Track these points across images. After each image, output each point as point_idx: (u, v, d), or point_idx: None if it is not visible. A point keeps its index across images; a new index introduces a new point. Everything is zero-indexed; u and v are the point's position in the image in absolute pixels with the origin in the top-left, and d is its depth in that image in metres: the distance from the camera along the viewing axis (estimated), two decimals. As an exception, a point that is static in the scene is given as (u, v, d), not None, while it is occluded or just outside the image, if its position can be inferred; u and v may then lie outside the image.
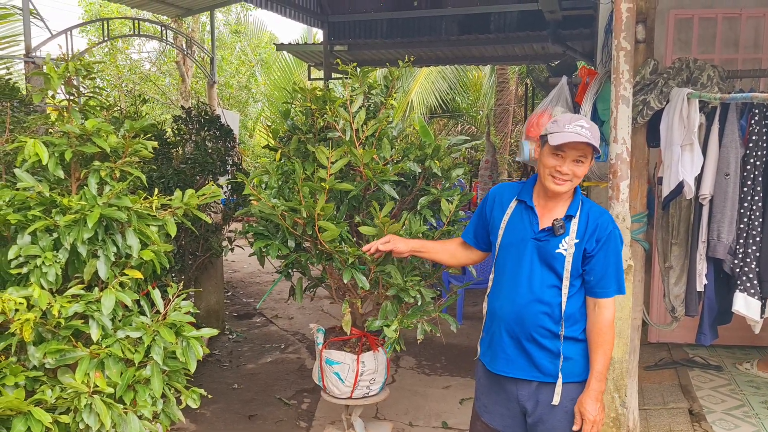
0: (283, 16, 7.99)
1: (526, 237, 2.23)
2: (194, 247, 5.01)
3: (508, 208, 2.31)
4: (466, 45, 8.59)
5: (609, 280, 2.19)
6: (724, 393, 3.85)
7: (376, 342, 3.18)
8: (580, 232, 2.18)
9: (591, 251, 2.18)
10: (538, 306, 2.20)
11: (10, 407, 1.82)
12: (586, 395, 2.19)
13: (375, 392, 3.22)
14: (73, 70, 2.24)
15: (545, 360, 2.22)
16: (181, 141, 5.15)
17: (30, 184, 2.10)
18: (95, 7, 13.81)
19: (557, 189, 2.17)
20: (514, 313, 2.24)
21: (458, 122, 16.02)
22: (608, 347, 2.19)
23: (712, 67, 2.89)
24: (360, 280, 2.74)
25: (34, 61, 7.09)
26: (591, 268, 2.19)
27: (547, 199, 2.24)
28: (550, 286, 2.20)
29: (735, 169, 2.83)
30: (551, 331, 2.20)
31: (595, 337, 2.20)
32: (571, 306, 2.21)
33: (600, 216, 2.22)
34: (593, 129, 2.14)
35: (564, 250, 2.18)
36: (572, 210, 2.21)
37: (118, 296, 2.06)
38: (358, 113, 2.88)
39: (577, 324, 2.23)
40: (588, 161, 2.17)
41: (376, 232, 2.66)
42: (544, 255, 2.20)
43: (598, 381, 2.18)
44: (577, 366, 2.23)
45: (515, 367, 2.26)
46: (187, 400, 2.23)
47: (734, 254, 2.86)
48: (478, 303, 6.86)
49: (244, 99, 15.67)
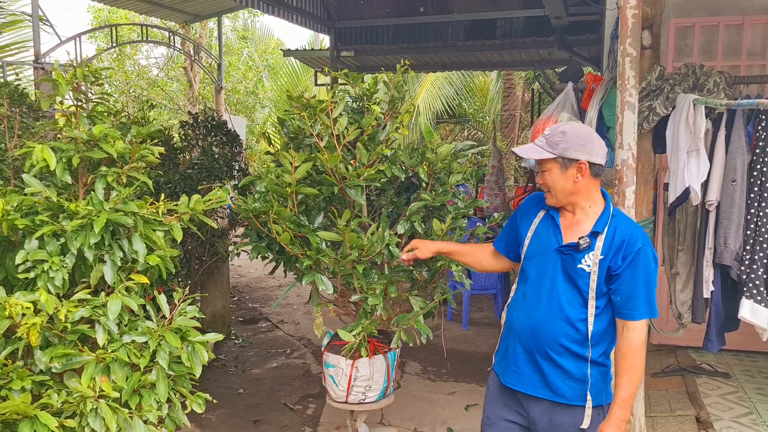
0: (291, 22, 8.03)
1: (550, 248, 2.15)
2: (200, 252, 5.03)
3: (535, 218, 2.24)
4: (472, 50, 8.60)
5: (637, 302, 2.03)
6: (732, 400, 3.82)
7: (378, 348, 3.16)
8: (605, 248, 2.05)
9: (616, 269, 2.04)
10: (557, 323, 2.09)
11: (17, 411, 1.83)
12: (607, 423, 2.03)
13: (372, 399, 3.16)
14: (81, 76, 2.26)
15: (558, 379, 2.10)
16: (187, 146, 5.18)
17: (38, 189, 2.11)
18: (104, 13, 13.91)
19: (548, 203, 2.17)
20: (529, 327, 2.14)
21: (465, 127, 16.02)
22: (635, 374, 2.04)
23: (718, 73, 2.88)
24: (322, 283, 2.79)
25: (43, 67, 7.15)
26: (617, 287, 2.05)
27: (569, 211, 2.16)
28: (572, 303, 2.09)
29: (742, 175, 2.82)
30: (569, 350, 2.09)
31: (622, 361, 2.05)
32: (598, 326, 2.08)
33: (628, 231, 2.07)
34: (551, 136, 2.09)
35: (587, 266, 2.06)
36: (599, 226, 2.08)
37: (124, 301, 2.07)
38: (339, 119, 2.91)
39: (599, 344, 2.11)
40: (552, 170, 2.09)
41: (335, 238, 2.74)
42: (566, 268, 2.10)
43: (621, 408, 2.02)
44: (594, 389, 2.11)
45: (524, 381, 2.17)
46: (193, 404, 2.24)
47: (741, 261, 2.85)
48: (483, 309, 6.85)
49: (251, 104, 15.75)
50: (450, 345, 5.64)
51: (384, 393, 3.23)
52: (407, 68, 3.05)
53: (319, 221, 2.90)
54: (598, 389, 2.12)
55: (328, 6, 8.71)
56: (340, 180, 2.82)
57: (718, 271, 2.94)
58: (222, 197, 2.44)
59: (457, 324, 6.22)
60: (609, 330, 2.11)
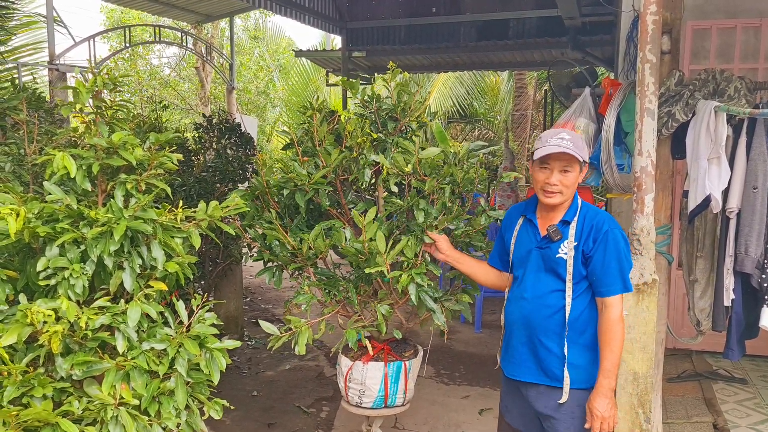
0: (302, 23, 8.04)
1: (531, 247, 2.40)
2: (214, 254, 5.05)
3: (516, 226, 2.49)
4: (484, 51, 8.58)
5: (611, 278, 2.25)
6: (749, 407, 3.79)
7: (391, 354, 3.11)
8: (577, 234, 2.30)
9: (589, 252, 2.28)
10: (543, 309, 2.33)
11: (39, 418, 1.84)
12: (595, 392, 2.26)
13: (367, 405, 3.08)
14: (101, 84, 2.27)
15: (552, 364, 2.32)
16: (202, 149, 5.19)
17: (58, 197, 2.12)
18: (116, 14, 13.99)
19: (549, 201, 2.32)
20: (522, 318, 2.38)
21: (475, 127, 15.97)
22: (616, 345, 2.24)
23: (739, 79, 2.85)
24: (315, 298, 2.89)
25: (58, 68, 7.20)
26: (592, 268, 2.28)
27: (548, 210, 2.38)
28: (553, 290, 2.32)
29: (763, 182, 2.78)
30: (557, 333, 2.31)
31: (603, 334, 2.27)
32: (576, 309, 2.30)
33: (595, 216, 2.32)
34: (575, 139, 2.28)
35: (564, 254, 2.30)
36: (569, 215, 2.34)
37: (143, 308, 2.07)
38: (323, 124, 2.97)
39: (585, 331, 2.32)
40: (575, 170, 2.29)
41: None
42: (547, 261, 2.34)
43: (606, 378, 2.24)
44: (585, 373, 2.31)
45: (525, 369, 2.39)
46: (210, 411, 2.24)
47: (762, 269, 2.81)
48: (496, 311, 6.83)
49: (263, 104, 15.79)
50: (463, 348, 5.63)
51: (383, 402, 3.09)
52: (398, 70, 3.03)
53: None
54: (591, 373, 2.29)
55: (339, 6, 8.71)
56: (304, 183, 2.92)
57: (738, 279, 2.90)
58: (239, 204, 2.45)
59: (469, 327, 6.20)
60: (589, 313, 2.32)
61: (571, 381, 2.30)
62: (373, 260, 2.67)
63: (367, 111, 3.06)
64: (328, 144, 2.95)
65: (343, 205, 3.08)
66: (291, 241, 2.86)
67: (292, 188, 2.88)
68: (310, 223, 3.07)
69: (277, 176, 2.99)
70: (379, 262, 2.64)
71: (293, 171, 2.87)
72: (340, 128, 3.03)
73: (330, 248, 2.93)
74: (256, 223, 3.00)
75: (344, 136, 2.99)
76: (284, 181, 2.90)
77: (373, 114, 3.02)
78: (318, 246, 2.85)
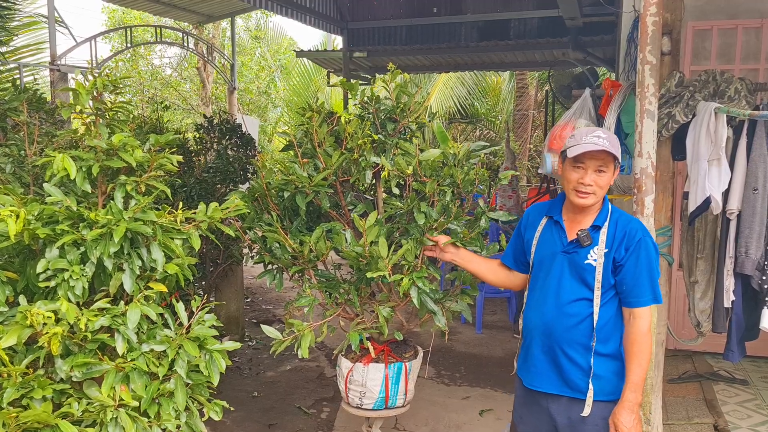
0: (303, 23, 8.04)
1: (556, 250, 2.27)
2: (215, 255, 5.05)
3: (539, 226, 2.36)
4: (485, 51, 8.57)
5: (642, 289, 2.15)
6: (750, 408, 3.79)
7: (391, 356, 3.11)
8: (608, 241, 2.18)
9: (620, 260, 2.17)
10: (566, 318, 2.21)
11: (38, 420, 1.84)
12: (620, 406, 2.15)
13: (368, 406, 3.08)
14: (101, 86, 2.27)
15: (575, 375, 2.21)
16: (202, 150, 5.19)
17: (58, 199, 2.13)
18: (118, 14, 14.01)
19: (582, 202, 2.20)
20: (543, 326, 2.26)
21: (477, 127, 15.96)
22: (644, 357, 2.15)
23: (739, 80, 2.84)
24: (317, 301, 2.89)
25: (60, 69, 7.21)
26: (622, 277, 2.17)
27: (576, 213, 2.27)
28: (579, 298, 2.20)
29: (764, 183, 2.78)
30: (582, 344, 2.20)
31: (630, 346, 2.16)
32: (603, 317, 2.19)
33: (628, 223, 2.20)
34: (612, 138, 2.18)
35: (593, 260, 2.18)
36: (599, 220, 2.22)
37: (143, 310, 2.08)
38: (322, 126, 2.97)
39: (610, 340, 2.21)
40: (610, 171, 2.19)
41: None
42: (574, 267, 2.22)
43: (632, 392, 2.14)
44: (609, 384, 2.21)
45: (546, 380, 2.27)
46: (210, 412, 2.24)
47: (762, 270, 2.81)
48: (497, 312, 6.83)
49: (264, 104, 15.81)
50: (463, 349, 5.63)
51: (384, 404, 3.08)
52: (397, 71, 3.04)
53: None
54: (616, 385, 2.19)
55: (341, 7, 8.71)
56: (305, 185, 2.92)
57: (739, 281, 2.90)
58: (239, 205, 2.45)
59: (470, 327, 6.20)
60: (614, 323, 2.21)
61: (595, 393, 2.19)
62: (374, 264, 2.67)
63: (366, 112, 3.06)
64: (328, 145, 2.95)
65: (343, 206, 3.08)
66: (292, 244, 2.85)
67: (292, 190, 2.87)
68: (309, 225, 3.07)
69: (278, 178, 2.98)
70: (380, 266, 2.63)
71: (293, 173, 2.87)
72: (340, 129, 3.03)
73: (331, 250, 2.93)
74: (256, 226, 2.99)
75: (344, 137, 2.99)
76: (284, 183, 2.90)
77: (372, 115, 3.02)
78: (319, 248, 2.84)
